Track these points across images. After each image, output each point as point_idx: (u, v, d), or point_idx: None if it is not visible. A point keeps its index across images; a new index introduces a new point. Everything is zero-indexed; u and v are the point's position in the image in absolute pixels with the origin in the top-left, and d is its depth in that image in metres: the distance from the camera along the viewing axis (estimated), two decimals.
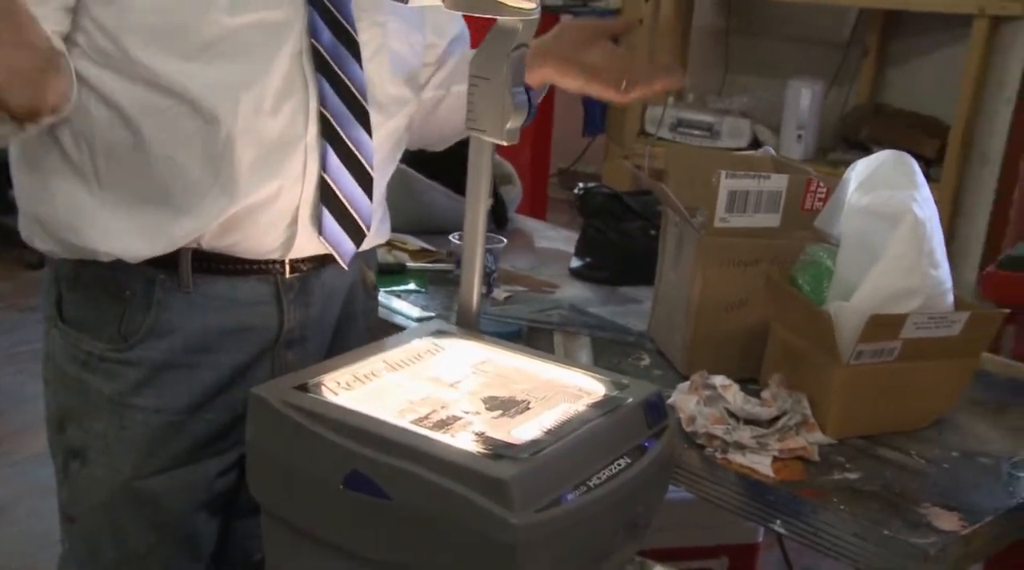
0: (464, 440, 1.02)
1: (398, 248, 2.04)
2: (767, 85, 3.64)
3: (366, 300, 1.44)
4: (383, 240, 1.42)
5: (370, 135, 1.26)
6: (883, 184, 1.37)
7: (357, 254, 1.32)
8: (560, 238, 2.30)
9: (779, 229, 1.51)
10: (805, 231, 1.50)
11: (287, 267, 1.26)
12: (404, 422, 1.05)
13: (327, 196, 1.24)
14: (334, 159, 1.22)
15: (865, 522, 1.17)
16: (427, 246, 2.08)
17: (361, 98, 1.24)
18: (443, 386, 1.14)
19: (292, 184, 1.21)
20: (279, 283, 1.26)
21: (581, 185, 2.05)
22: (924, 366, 1.36)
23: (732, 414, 1.35)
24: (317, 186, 1.23)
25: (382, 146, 1.31)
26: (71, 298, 1.26)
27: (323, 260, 1.29)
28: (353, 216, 1.26)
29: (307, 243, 1.25)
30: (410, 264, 1.96)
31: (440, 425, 1.05)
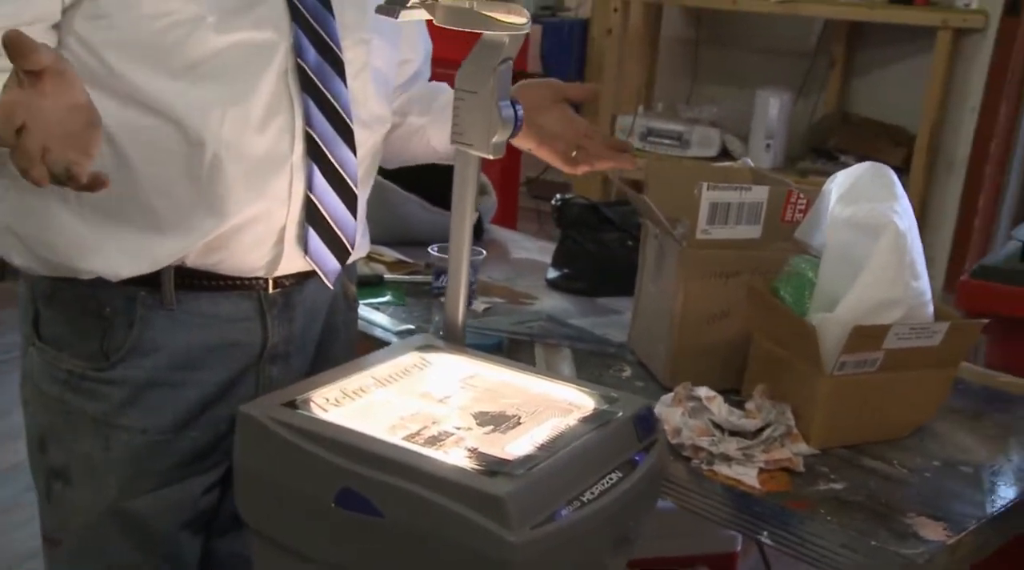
0: (457, 456, 1.02)
1: (375, 260, 2.02)
2: (735, 95, 3.67)
3: (347, 313, 1.43)
4: (364, 254, 1.41)
5: (355, 153, 1.25)
6: (864, 196, 1.38)
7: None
8: (535, 248, 2.30)
9: (760, 241, 1.51)
10: (786, 242, 1.51)
11: (270, 283, 1.25)
12: (396, 439, 1.04)
13: (313, 215, 1.23)
14: (319, 178, 1.22)
15: (852, 533, 1.18)
16: (403, 258, 2.07)
17: (346, 117, 1.23)
18: (433, 401, 1.14)
19: (278, 204, 1.21)
20: (262, 299, 1.25)
21: (559, 196, 2.05)
22: (905, 376, 1.37)
23: (717, 426, 1.35)
24: (303, 205, 1.22)
25: (363, 163, 1.31)
26: (49, 316, 1.23)
27: (306, 275, 1.28)
28: (338, 235, 1.26)
29: (292, 262, 1.24)
30: (387, 276, 1.95)
31: (432, 441, 1.05)
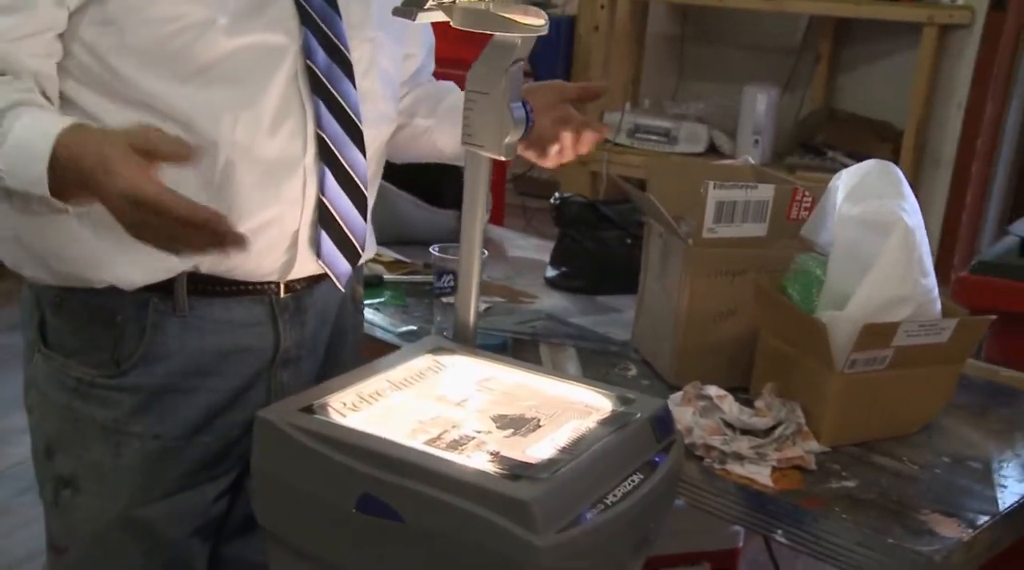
0: (479, 461, 1.01)
1: (374, 260, 2.01)
2: (720, 91, 3.68)
3: (355, 315, 1.42)
4: (372, 255, 1.40)
5: (364, 155, 1.24)
6: (871, 194, 1.39)
7: None
8: (531, 247, 2.29)
9: (766, 239, 1.52)
10: (791, 240, 1.51)
11: (282, 287, 1.24)
12: (417, 443, 1.03)
13: (325, 219, 1.22)
14: (332, 181, 1.21)
15: (868, 530, 1.18)
16: (401, 258, 2.06)
17: (355, 118, 1.22)
18: (450, 405, 1.13)
19: (291, 208, 1.20)
20: (274, 303, 1.24)
21: (557, 194, 2.05)
22: (914, 373, 1.38)
23: (729, 424, 1.35)
24: (315, 209, 1.21)
25: (371, 163, 1.30)
26: (56, 323, 1.22)
27: (316, 278, 1.27)
28: (349, 237, 1.25)
29: (304, 265, 1.23)
30: (387, 276, 1.94)
31: (453, 445, 1.04)
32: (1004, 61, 3.09)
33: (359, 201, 1.25)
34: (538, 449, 1.04)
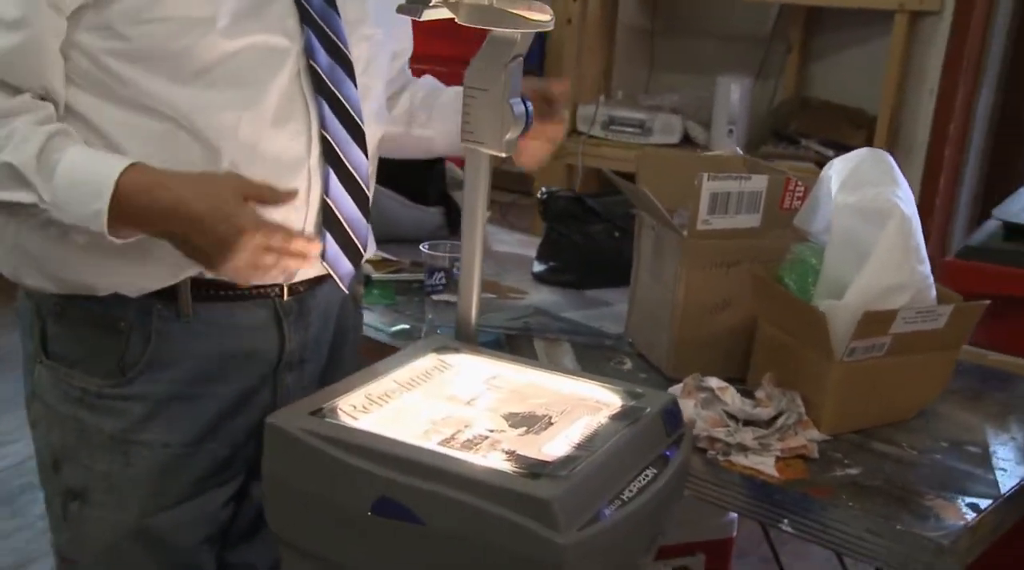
0: (496, 460, 1.01)
1: None
2: (692, 82, 3.68)
3: (355, 315, 1.41)
4: (371, 254, 1.39)
5: (366, 154, 1.23)
6: (866, 182, 1.39)
7: None
8: (514, 241, 2.29)
9: (759, 229, 1.52)
10: (784, 230, 1.52)
11: (285, 290, 1.23)
12: (431, 444, 1.03)
13: (329, 220, 1.21)
14: (335, 182, 1.20)
15: (876, 518, 1.19)
16: (387, 256, 2.04)
17: (357, 117, 1.21)
18: (460, 404, 1.13)
19: (296, 209, 1.18)
20: (277, 306, 1.23)
21: (544, 189, 2.04)
22: (911, 360, 1.39)
23: (731, 416, 1.35)
24: (319, 210, 1.20)
25: (371, 161, 1.29)
26: (57, 332, 1.20)
27: (319, 279, 1.26)
28: (352, 237, 1.24)
29: (309, 267, 1.22)
30: (376, 275, 1.93)
31: (468, 445, 1.04)
32: (974, 47, 3.12)
33: (361, 201, 1.24)
34: (553, 446, 1.03)
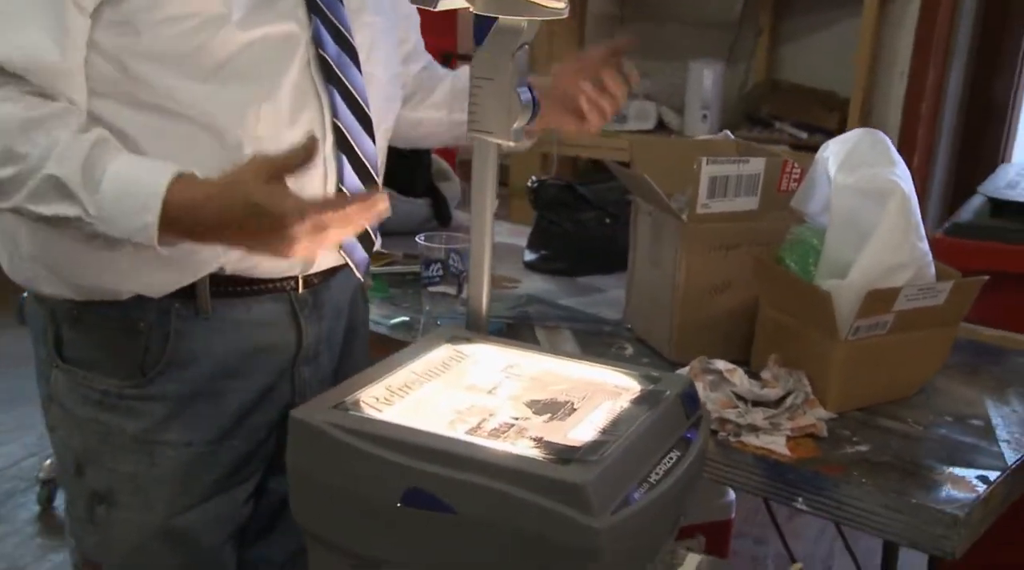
0: (524, 447, 1.01)
1: None
2: (662, 68, 3.70)
3: (364, 308, 1.41)
4: (378, 245, 1.39)
5: (375, 142, 1.23)
6: (863, 162, 1.41)
7: None
8: (503, 231, 2.29)
9: (757, 212, 1.54)
10: (781, 212, 1.53)
11: (300, 283, 1.22)
12: (459, 433, 1.03)
13: None
14: (349, 170, 1.19)
15: (891, 493, 1.21)
16: (379, 248, 2.03)
17: (364, 105, 1.21)
18: (482, 393, 1.13)
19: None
20: (293, 300, 1.23)
21: (534, 178, 2.05)
22: (913, 336, 1.41)
23: (740, 397, 1.37)
24: None
25: (380, 150, 1.29)
26: (73, 337, 1.19)
27: (331, 272, 1.26)
28: (366, 226, 1.23)
29: (324, 257, 1.22)
30: (372, 268, 1.92)
31: (495, 433, 1.04)
32: (943, 29, 3.16)
33: (373, 188, 1.24)
34: (579, 432, 1.04)
